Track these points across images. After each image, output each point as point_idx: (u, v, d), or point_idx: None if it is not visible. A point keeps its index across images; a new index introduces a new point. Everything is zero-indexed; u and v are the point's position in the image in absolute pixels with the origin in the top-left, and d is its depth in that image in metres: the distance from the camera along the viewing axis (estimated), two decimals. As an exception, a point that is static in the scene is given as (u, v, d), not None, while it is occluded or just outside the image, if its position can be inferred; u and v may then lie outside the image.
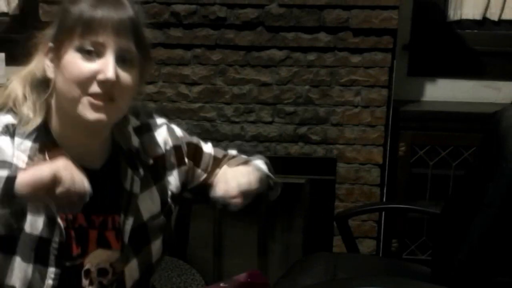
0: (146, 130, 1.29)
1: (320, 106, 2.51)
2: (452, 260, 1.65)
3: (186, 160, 1.34)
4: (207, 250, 2.69)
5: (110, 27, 1.10)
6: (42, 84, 1.17)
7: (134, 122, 1.28)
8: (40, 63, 1.17)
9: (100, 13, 1.10)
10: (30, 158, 1.13)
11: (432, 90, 2.83)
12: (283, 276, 2.05)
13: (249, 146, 2.56)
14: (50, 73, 1.15)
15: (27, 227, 1.12)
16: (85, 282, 1.19)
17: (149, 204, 1.26)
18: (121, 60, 1.12)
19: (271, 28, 2.43)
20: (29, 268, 1.13)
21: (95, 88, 1.10)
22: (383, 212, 2.60)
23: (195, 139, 1.39)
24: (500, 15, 2.76)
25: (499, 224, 1.54)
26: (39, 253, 1.13)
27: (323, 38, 2.43)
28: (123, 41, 1.11)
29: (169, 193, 1.32)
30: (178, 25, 2.44)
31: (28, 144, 1.13)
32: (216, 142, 2.57)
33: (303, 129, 2.53)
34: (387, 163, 2.59)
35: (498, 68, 2.79)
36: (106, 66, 1.09)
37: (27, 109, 1.15)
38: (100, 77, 1.09)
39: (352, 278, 1.75)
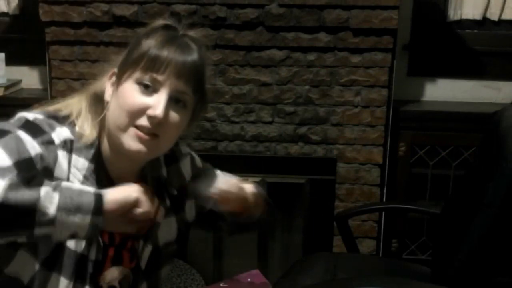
0: (173, 160, 1.33)
1: (320, 106, 2.51)
2: (452, 260, 1.65)
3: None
4: (207, 250, 2.69)
5: (172, 68, 1.13)
6: (99, 105, 1.20)
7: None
8: (103, 85, 1.21)
9: (166, 53, 1.14)
10: (86, 178, 1.15)
11: (432, 90, 2.83)
12: (283, 276, 2.05)
13: (249, 146, 2.56)
14: (108, 96, 1.19)
15: (71, 244, 1.14)
16: None
17: (166, 231, 1.30)
18: (175, 100, 1.15)
19: (271, 28, 2.43)
20: (70, 285, 1.15)
21: (143, 121, 1.13)
22: (383, 212, 2.60)
23: (211, 170, 1.45)
24: (500, 15, 2.76)
25: (499, 224, 1.54)
26: (79, 269, 1.15)
27: (323, 38, 2.43)
28: (181, 83, 1.14)
29: (186, 220, 1.38)
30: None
31: (85, 163, 1.15)
32: (216, 142, 2.59)
33: (303, 129, 2.53)
34: (387, 163, 2.59)
35: (498, 68, 2.79)
36: (158, 103, 1.12)
37: (87, 125, 1.18)
38: (150, 112, 1.12)
39: (352, 278, 1.75)
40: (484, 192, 1.54)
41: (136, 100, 1.13)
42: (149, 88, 1.13)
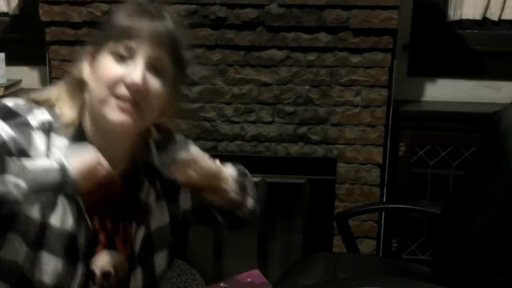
0: (166, 145, 1.31)
1: (320, 106, 2.51)
2: (452, 260, 1.65)
3: None
4: (207, 250, 2.69)
5: (145, 35, 1.13)
6: (80, 87, 1.20)
7: (156, 136, 1.30)
8: (80, 67, 1.20)
9: (138, 21, 1.13)
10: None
11: (432, 90, 2.83)
12: (283, 276, 2.05)
13: (249, 146, 2.56)
14: (87, 75, 1.18)
15: (56, 222, 1.14)
16: (89, 282, 1.21)
17: (158, 216, 1.29)
18: (153, 68, 1.14)
19: (271, 28, 2.43)
20: (59, 263, 1.15)
21: (122, 90, 1.12)
22: (383, 212, 2.60)
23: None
24: (500, 15, 2.76)
25: (499, 224, 1.54)
26: (69, 249, 1.15)
27: (323, 38, 2.43)
28: (156, 50, 1.13)
29: (181, 210, 1.35)
30: (178, 25, 2.43)
31: (64, 142, 1.15)
32: (216, 142, 2.59)
33: (303, 129, 2.53)
34: (387, 163, 2.59)
35: (498, 68, 2.79)
36: (134, 69, 1.12)
37: (67, 107, 1.18)
38: (127, 79, 1.11)
39: (352, 278, 1.75)
40: (484, 192, 1.55)
41: (113, 70, 1.13)
42: (124, 58, 1.13)
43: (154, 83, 1.14)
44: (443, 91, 2.82)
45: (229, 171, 1.36)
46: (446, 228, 1.90)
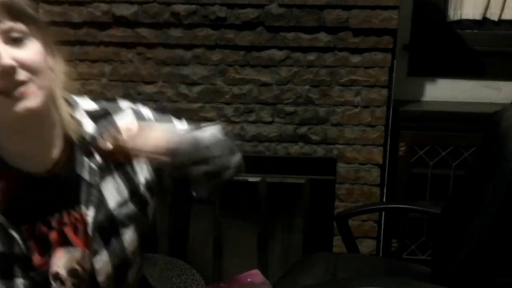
0: (104, 115, 1.22)
1: (320, 106, 2.51)
2: (452, 260, 1.65)
3: None
4: (207, 250, 2.69)
5: None
6: None
7: (88, 106, 1.22)
8: None
9: None
10: None
11: (432, 90, 2.83)
12: (283, 276, 2.05)
13: (249, 146, 2.56)
14: None
15: None
16: (55, 285, 1.16)
17: (113, 192, 1.21)
18: (12, 41, 1.06)
19: (271, 28, 2.43)
20: None
21: (1, 84, 1.03)
22: (383, 212, 2.60)
23: (166, 119, 1.32)
24: (500, 15, 2.76)
25: (499, 224, 1.54)
26: (2, 268, 1.10)
27: (323, 38, 2.43)
28: (2, 24, 1.07)
29: (141, 180, 1.26)
30: (178, 25, 2.44)
31: None
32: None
33: (303, 129, 2.53)
34: (387, 163, 2.59)
35: (498, 68, 2.79)
36: None
37: None
38: None
39: (352, 278, 1.75)
40: (484, 192, 1.55)
41: None
42: None
43: (23, 53, 1.06)
44: (443, 91, 2.82)
45: (206, 136, 1.23)
46: (446, 228, 1.90)
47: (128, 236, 1.24)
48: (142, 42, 2.47)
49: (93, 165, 1.18)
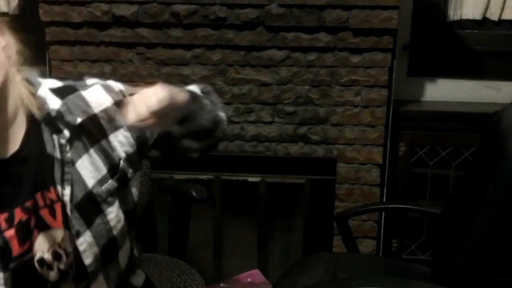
0: (71, 90, 1.20)
1: (320, 106, 2.51)
2: (452, 260, 1.65)
3: None
4: (207, 250, 2.69)
5: None
6: None
7: (53, 85, 1.21)
8: None
9: None
10: None
11: (432, 90, 2.83)
12: (283, 276, 2.05)
13: (249, 146, 2.56)
14: None
15: None
16: (42, 270, 1.14)
17: (90, 169, 1.17)
18: None
19: (271, 28, 2.43)
20: None
21: None
22: (383, 212, 2.60)
23: (140, 89, 1.29)
24: (500, 15, 2.76)
25: (499, 224, 1.54)
26: None
27: (323, 38, 2.43)
28: None
29: (121, 154, 1.21)
30: (178, 25, 2.44)
31: None
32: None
33: (303, 129, 2.53)
34: (387, 163, 2.59)
35: (498, 68, 2.79)
36: None
37: None
38: None
39: (352, 278, 1.75)
40: (484, 192, 1.55)
41: None
42: None
43: None
44: (443, 91, 2.82)
45: (182, 95, 1.20)
46: (446, 228, 1.90)
47: (113, 214, 1.20)
48: (142, 42, 2.47)
49: (63, 141, 1.15)
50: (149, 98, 1.07)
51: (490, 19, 2.77)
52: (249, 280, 1.80)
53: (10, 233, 1.12)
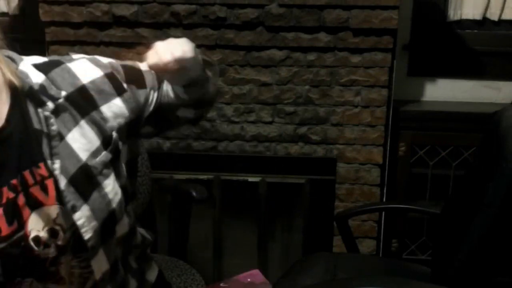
0: (56, 64, 1.19)
1: (320, 106, 2.51)
2: (452, 260, 1.65)
3: (126, 85, 1.22)
4: (207, 250, 2.70)
5: None
6: None
7: (36, 61, 1.19)
8: None
9: None
10: None
11: (432, 90, 2.83)
12: (283, 276, 2.05)
13: (249, 146, 2.56)
14: None
15: None
16: (39, 249, 1.12)
17: (83, 141, 1.14)
18: None
19: (271, 28, 2.43)
20: None
21: None
22: (383, 212, 2.60)
23: (129, 62, 1.30)
24: (500, 15, 2.76)
25: (499, 224, 1.54)
26: None
27: (323, 38, 2.43)
28: None
29: (114, 125, 1.18)
30: (178, 25, 2.44)
31: None
32: (216, 142, 2.59)
33: (303, 129, 2.53)
34: (387, 163, 2.59)
35: (498, 68, 2.79)
36: None
37: None
38: None
39: (352, 278, 1.75)
40: (484, 192, 1.55)
41: None
42: None
43: None
44: (443, 91, 2.82)
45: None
46: (446, 228, 1.90)
47: (110, 187, 1.17)
48: (142, 42, 2.46)
49: (47, 113, 1.12)
50: (174, 46, 1.12)
51: (490, 19, 2.77)
52: (249, 280, 1.80)
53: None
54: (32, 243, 1.12)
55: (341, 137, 2.53)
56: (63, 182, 1.12)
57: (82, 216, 1.13)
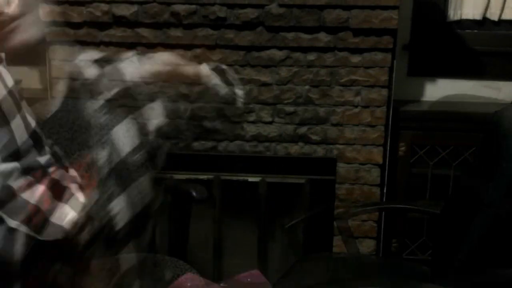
0: (108, 62, 1.29)
1: (320, 106, 2.51)
2: (452, 260, 1.65)
3: None
4: (207, 250, 2.69)
5: None
6: None
7: (91, 56, 1.28)
8: None
9: None
10: None
11: (432, 90, 2.83)
12: (283, 276, 2.05)
13: (249, 146, 2.56)
14: None
15: None
16: (72, 232, 1.14)
17: (126, 136, 1.21)
18: None
19: (271, 28, 2.43)
20: None
21: None
22: (383, 212, 2.60)
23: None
24: (500, 15, 2.76)
25: (499, 224, 1.54)
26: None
27: (323, 38, 2.43)
28: None
29: (151, 127, 1.27)
30: (178, 25, 2.44)
31: None
32: (216, 142, 2.59)
33: (303, 129, 2.53)
34: (387, 163, 2.59)
35: (498, 68, 2.79)
36: None
37: None
38: None
39: (352, 278, 1.75)
40: (484, 192, 1.55)
41: None
42: None
43: None
44: (443, 91, 2.82)
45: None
46: (446, 228, 1.90)
47: (146, 183, 1.22)
48: (142, 42, 2.47)
49: (98, 107, 1.20)
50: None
51: (490, 19, 2.77)
52: (249, 280, 1.81)
53: (45, 192, 1.12)
54: (66, 225, 1.13)
55: (341, 137, 2.53)
56: (105, 171, 1.16)
57: (117, 205, 1.16)
